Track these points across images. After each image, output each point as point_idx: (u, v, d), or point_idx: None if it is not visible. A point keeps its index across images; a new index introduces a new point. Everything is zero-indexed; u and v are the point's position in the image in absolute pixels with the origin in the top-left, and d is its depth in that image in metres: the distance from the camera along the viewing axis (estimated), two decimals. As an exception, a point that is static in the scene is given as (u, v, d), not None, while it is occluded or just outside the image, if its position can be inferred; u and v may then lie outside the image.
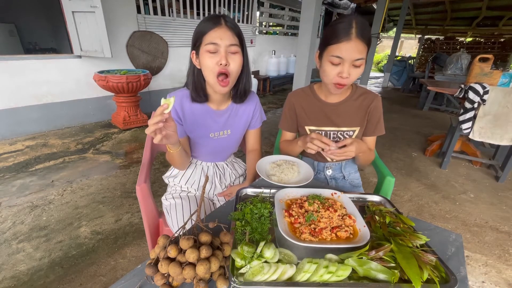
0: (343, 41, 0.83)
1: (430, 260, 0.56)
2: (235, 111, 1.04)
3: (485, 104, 2.21)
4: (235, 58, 0.85)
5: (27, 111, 3.03)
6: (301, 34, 2.55)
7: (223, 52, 0.82)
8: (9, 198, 1.94)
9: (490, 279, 1.48)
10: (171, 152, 0.87)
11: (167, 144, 0.82)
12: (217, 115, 1.01)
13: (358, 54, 0.83)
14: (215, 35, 0.80)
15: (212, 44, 0.81)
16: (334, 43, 0.85)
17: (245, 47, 0.89)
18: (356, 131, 1.05)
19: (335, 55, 0.85)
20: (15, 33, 5.22)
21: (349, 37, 0.82)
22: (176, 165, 1.01)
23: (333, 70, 0.88)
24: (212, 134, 1.02)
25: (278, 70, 6.16)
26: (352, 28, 0.82)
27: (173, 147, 0.84)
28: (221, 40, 0.81)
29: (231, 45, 0.82)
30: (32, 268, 1.40)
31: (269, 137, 3.42)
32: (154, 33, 3.87)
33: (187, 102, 0.97)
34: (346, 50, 0.83)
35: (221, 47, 0.81)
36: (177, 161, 0.95)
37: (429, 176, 2.59)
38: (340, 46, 0.83)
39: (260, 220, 0.69)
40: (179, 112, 0.96)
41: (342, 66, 0.86)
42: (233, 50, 0.84)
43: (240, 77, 0.93)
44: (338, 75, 0.87)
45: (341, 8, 6.83)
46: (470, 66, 2.43)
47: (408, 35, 13.14)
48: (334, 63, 0.87)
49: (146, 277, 0.55)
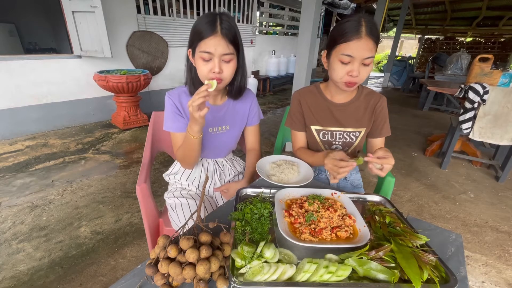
0: (353, 39, 0.83)
1: (430, 260, 0.56)
2: (232, 107, 1.07)
3: (485, 104, 2.21)
4: (229, 66, 0.87)
5: (27, 111, 3.03)
6: (301, 34, 2.55)
7: (216, 61, 0.84)
8: (9, 198, 1.94)
9: (490, 279, 1.48)
10: (193, 140, 0.88)
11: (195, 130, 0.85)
12: (214, 109, 1.03)
13: (368, 52, 0.83)
14: (209, 44, 0.82)
15: (206, 53, 0.83)
16: (344, 42, 0.84)
17: (241, 46, 0.91)
18: (362, 132, 1.05)
19: (346, 54, 0.85)
20: (15, 33, 5.22)
21: (359, 35, 0.82)
22: (191, 159, 0.99)
23: (343, 68, 0.87)
24: (211, 129, 1.04)
25: (278, 70, 6.16)
26: (362, 26, 0.82)
27: (198, 133, 0.86)
28: (215, 50, 0.82)
29: (224, 55, 0.84)
30: (32, 268, 1.40)
31: (269, 137, 3.42)
32: (154, 33, 3.87)
33: (185, 97, 1.00)
34: (356, 49, 0.83)
35: (215, 56, 0.83)
36: (195, 151, 0.94)
37: (429, 176, 2.59)
38: (350, 44, 0.83)
39: (260, 220, 0.69)
40: (179, 107, 0.98)
41: (352, 65, 0.86)
42: (227, 59, 0.85)
43: (236, 75, 0.96)
44: (348, 73, 0.87)
45: (341, 8, 6.83)
46: (470, 66, 2.43)
47: (408, 35, 13.15)
48: (344, 61, 0.86)
49: (146, 277, 0.55)
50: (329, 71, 0.94)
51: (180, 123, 0.98)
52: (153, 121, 1.23)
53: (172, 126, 0.98)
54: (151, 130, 1.22)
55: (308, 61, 2.59)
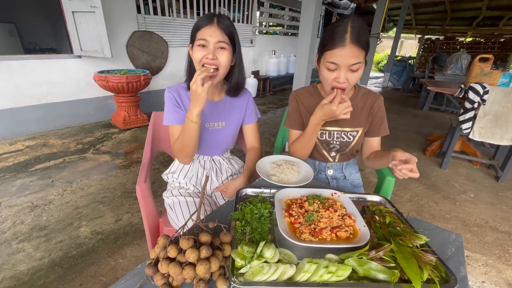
0: (337, 47, 0.82)
1: (430, 260, 0.56)
2: (230, 104, 1.10)
3: (485, 104, 2.21)
4: (223, 53, 0.91)
5: (27, 111, 3.03)
6: (301, 34, 2.55)
7: (211, 48, 0.89)
8: (9, 198, 1.94)
9: (490, 279, 1.48)
10: (192, 126, 0.89)
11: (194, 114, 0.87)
12: (211, 105, 1.06)
13: (353, 59, 0.82)
14: (206, 32, 0.89)
15: (202, 40, 0.89)
16: (329, 49, 0.84)
17: (238, 45, 0.96)
18: (360, 131, 1.05)
19: (330, 61, 0.85)
20: (15, 33, 5.23)
21: (343, 43, 0.81)
22: (188, 149, 0.97)
23: (330, 75, 0.87)
24: (208, 124, 1.05)
25: (278, 70, 6.16)
26: (346, 33, 0.81)
27: (198, 118, 0.88)
28: (211, 37, 0.88)
29: (219, 42, 0.89)
30: (32, 268, 1.40)
31: (269, 137, 3.42)
32: (154, 33, 3.87)
33: (184, 92, 1.03)
34: (340, 56, 0.82)
35: (210, 43, 0.89)
36: (193, 140, 0.94)
37: (429, 176, 2.59)
38: (335, 52, 0.83)
39: (260, 220, 0.69)
40: (178, 100, 1.01)
41: (338, 72, 0.86)
42: (221, 46, 0.90)
43: (233, 71, 1.01)
44: (334, 80, 0.87)
45: (341, 8, 6.82)
46: (470, 66, 2.43)
47: (408, 35, 13.14)
48: (330, 69, 0.87)
49: (146, 277, 0.55)
50: (319, 76, 0.95)
51: (179, 115, 1.00)
52: (153, 121, 1.23)
53: (171, 118, 1.00)
54: (151, 130, 1.22)
55: (308, 61, 2.59)
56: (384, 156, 0.90)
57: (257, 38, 5.82)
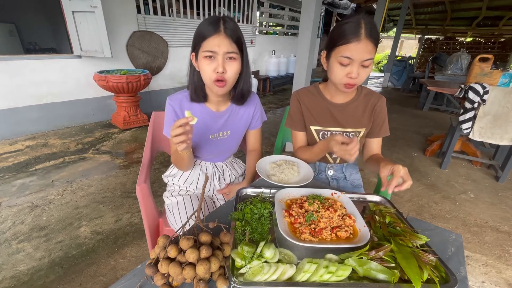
0: (352, 41, 0.82)
1: (430, 260, 0.56)
2: (235, 112, 1.05)
3: (485, 104, 2.21)
4: (233, 65, 0.86)
5: (27, 111, 3.03)
6: (301, 34, 2.55)
7: (220, 60, 0.83)
8: (9, 198, 1.94)
9: (490, 279, 1.48)
10: (183, 156, 0.89)
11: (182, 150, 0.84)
12: (216, 116, 1.02)
13: (367, 54, 0.83)
14: (213, 43, 0.81)
15: (210, 52, 0.82)
16: (343, 44, 0.84)
17: (245, 50, 0.90)
18: (362, 132, 1.05)
19: (345, 56, 0.84)
20: (15, 33, 5.23)
21: (358, 38, 0.82)
22: (182, 167, 1.02)
23: (342, 70, 0.87)
24: (212, 135, 1.03)
25: (278, 70, 6.16)
26: (361, 28, 0.82)
27: (186, 151, 0.86)
28: (219, 48, 0.82)
29: (228, 53, 0.83)
30: (32, 268, 1.40)
31: (269, 137, 3.42)
32: (154, 33, 3.87)
33: (186, 103, 0.98)
34: (355, 51, 0.83)
35: (218, 54, 0.82)
36: (186, 163, 0.96)
37: (429, 176, 2.59)
38: (350, 46, 0.83)
39: (260, 220, 0.69)
40: (179, 113, 0.98)
41: (351, 67, 0.86)
42: (230, 57, 0.85)
43: (239, 79, 0.94)
44: (347, 75, 0.87)
45: (341, 8, 6.83)
46: (470, 66, 2.43)
47: (408, 35, 13.14)
48: (343, 63, 0.86)
49: (146, 277, 0.55)
50: (328, 72, 0.94)
51: None
52: (153, 121, 1.23)
53: (169, 132, 0.97)
54: (151, 130, 1.22)
55: (308, 61, 2.59)
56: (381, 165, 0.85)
57: (257, 38, 5.82)
